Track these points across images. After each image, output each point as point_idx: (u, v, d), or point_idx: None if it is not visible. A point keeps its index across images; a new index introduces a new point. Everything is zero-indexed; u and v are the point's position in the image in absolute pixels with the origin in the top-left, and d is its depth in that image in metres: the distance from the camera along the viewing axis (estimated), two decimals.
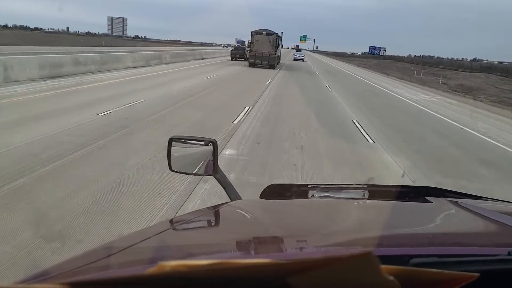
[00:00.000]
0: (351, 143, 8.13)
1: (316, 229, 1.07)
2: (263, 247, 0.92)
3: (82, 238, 3.49)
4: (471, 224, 1.17)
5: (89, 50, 28.37)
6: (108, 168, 5.30)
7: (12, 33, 76.12)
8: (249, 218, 1.26)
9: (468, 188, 5.46)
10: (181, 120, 8.99)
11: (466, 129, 11.35)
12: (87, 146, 6.14)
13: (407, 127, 11.10)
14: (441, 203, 1.35)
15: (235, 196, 1.53)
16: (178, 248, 0.93)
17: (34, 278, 0.68)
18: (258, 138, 7.77)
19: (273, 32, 32.39)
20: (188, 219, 1.25)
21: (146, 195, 4.49)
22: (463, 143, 9.49)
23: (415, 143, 8.90)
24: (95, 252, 0.87)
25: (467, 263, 0.72)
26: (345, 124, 10.40)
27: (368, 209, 1.37)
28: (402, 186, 1.60)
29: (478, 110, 16.92)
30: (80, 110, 8.86)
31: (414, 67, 52.84)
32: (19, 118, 7.69)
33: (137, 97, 11.36)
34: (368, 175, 5.91)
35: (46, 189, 4.48)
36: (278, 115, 10.70)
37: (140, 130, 7.59)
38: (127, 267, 0.76)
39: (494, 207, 1.40)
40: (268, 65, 31.43)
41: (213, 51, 51.19)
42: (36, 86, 12.16)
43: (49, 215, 3.92)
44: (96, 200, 4.25)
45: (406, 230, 1.10)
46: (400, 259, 0.72)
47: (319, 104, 13.91)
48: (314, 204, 1.42)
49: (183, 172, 1.61)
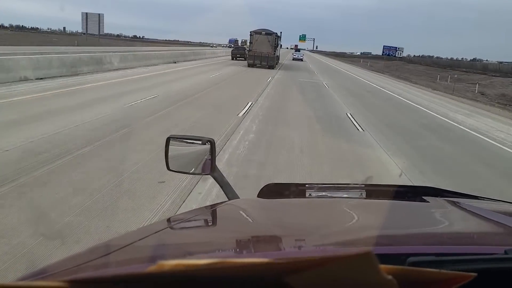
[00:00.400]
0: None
1: (314, 228, 1.07)
2: (261, 246, 0.92)
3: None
4: (468, 224, 1.17)
5: (43, 50, 23.55)
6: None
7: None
8: (247, 217, 1.26)
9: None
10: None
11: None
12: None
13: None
14: (439, 202, 1.36)
15: (233, 195, 1.53)
16: (176, 247, 0.94)
17: (33, 276, 0.68)
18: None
19: (272, 32, 32.29)
20: (186, 218, 1.26)
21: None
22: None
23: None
24: (94, 250, 0.87)
25: (464, 262, 0.72)
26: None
27: (366, 208, 1.38)
28: (400, 186, 1.60)
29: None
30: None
31: (429, 69, 46.49)
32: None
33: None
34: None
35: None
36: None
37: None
38: (126, 265, 0.77)
39: (491, 206, 1.41)
40: (268, 65, 31.30)
41: (203, 51, 46.27)
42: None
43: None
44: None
45: (404, 230, 1.10)
46: (397, 258, 0.72)
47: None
48: (312, 204, 1.43)
49: (180, 171, 1.61)
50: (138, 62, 23.24)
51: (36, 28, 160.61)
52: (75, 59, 16.79)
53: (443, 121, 12.87)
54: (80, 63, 16.94)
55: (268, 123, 9.47)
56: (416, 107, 16.09)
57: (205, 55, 42.67)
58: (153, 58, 26.61)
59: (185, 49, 46.33)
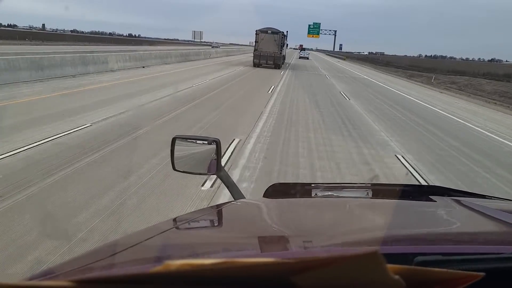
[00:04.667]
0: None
1: (321, 228, 1.07)
2: (267, 246, 0.92)
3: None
4: (475, 223, 1.17)
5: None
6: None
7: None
8: (253, 217, 1.26)
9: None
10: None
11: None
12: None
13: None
14: (445, 202, 1.35)
15: (239, 195, 1.53)
16: (183, 247, 0.94)
17: (41, 275, 0.69)
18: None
19: (279, 31, 31.98)
20: (192, 218, 1.26)
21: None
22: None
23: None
24: (101, 250, 0.88)
25: (472, 261, 0.72)
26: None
27: (372, 208, 1.37)
28: (406, 185, 1.60)
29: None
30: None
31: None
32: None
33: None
34: None
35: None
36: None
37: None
38: (132, 265, 0.77)
39: (498, 205, 1.40)
40: (274, 65, 31.03)
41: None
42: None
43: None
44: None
45: (410, 229, 1.10)
46: (404, 257, 0.72)
47: None
48: (318, 203, 1.42)
49: (186, 171, 1.61)
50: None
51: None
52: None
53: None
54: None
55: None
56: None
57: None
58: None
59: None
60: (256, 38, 31.59)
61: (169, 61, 28.15)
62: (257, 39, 31.48)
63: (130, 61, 21.89)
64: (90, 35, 51.30)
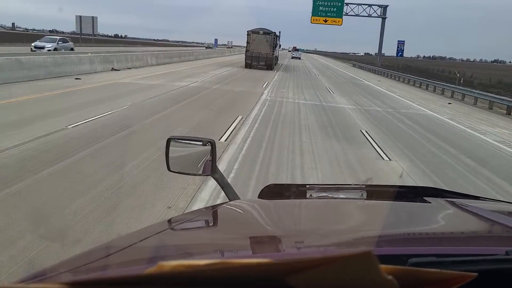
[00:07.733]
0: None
1: (315, 229, 1.07)
2: (261, 247, 0.92)
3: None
4: (469, 224, 1.17)
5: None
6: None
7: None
8: (248, 218, 1.26)
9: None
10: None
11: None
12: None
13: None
14: (439, 203, 1.36)
15: (234, 196, 1.53)
16: (177, 248, 0.93)
17: (33, 277, 0.68)
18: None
19: (271, 31, 31.67)
20: (186, 219, 1.25)
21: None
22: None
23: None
24: (94, 251, 0.87)
25: (465, 262, 0.72)
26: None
27: (367, 209, 1.38)
28: (400, 186, 1.60)
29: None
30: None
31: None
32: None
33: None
34: None
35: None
36: None
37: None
38: (126, 267, 0.76)
39: (491, 207, 1.41)
40: (266, 66, 30.60)
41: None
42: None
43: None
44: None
45: (404, 230, 1.10)
46: (398, 258, 0.72)
47: None
48: (313, 204, 1.43)
49: (181, 172, 1.61)
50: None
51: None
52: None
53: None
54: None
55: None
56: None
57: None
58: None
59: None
60: (247, 39, 31.11)
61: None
62: (248, 40, 31.00)
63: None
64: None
